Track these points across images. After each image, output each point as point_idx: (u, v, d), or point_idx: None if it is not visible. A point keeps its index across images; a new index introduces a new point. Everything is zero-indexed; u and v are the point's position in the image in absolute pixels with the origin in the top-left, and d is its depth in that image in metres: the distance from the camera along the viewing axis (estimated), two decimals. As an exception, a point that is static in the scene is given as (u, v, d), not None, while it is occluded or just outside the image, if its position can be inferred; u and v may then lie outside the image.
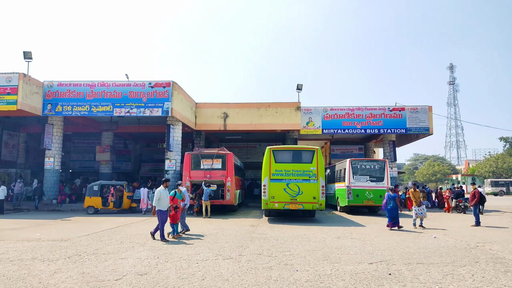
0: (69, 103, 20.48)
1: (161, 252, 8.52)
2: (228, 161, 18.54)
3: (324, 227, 13.35)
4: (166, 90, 20.34)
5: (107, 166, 28.13)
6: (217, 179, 18.27)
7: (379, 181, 18.73)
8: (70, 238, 10.58)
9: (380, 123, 25.19)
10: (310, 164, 15.01)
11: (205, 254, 8.30)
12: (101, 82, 20.58)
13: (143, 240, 10.25)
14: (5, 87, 19.11)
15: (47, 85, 20.66)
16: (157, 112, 20.28)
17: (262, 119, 24.63)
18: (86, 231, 12.07)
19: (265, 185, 14.98)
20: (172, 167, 21.50)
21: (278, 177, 14.96)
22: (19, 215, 18.10)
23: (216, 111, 24.91)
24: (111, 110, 20.38)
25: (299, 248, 9.10)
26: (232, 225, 14.11)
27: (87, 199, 18.61)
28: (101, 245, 9.52)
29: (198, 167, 18.54)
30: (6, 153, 27.66)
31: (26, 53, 20.07)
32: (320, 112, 25.73)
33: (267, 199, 14.88)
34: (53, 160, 21.75)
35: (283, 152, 15.46)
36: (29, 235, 11.19)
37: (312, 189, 14.83)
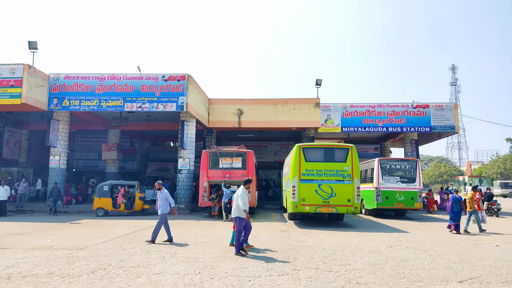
0: (76, 97, 19.13)
1: (201, 266, 7.20)
2: (248, 159, 17.25)
3: (365, 233, 12.05)
4: (181, 84, 19.01)
5: (114, 166, 26.82)
6: (237, 179, 16.96)
7: (411, 182, 17.46)
8: (87, 246, 9.26)
9: (403, 121, 23.91)
10: (344, 163, 13.71)
11: (254, 269, 6.99)
12: (111, 75, 19.25)
13: (171, 249, 8.93)
14: (8, 79, 17.77)
15: (53, 77, 19.31)
16: (171, 107, 18.95)
17: (279, 116, 23.32)
18: (102, 237, 10.75)
19: (294, 186, 13.66)
20: (185, 166, 20.18)
21: (309, 178, 13.66)
22: (23, 217, 16.76)
23: (230, 107, 23.59)
24: (122, 105, 19.04)
25: (358, 261, 7.79)
26: (260, 230, 12.79)
27: (97, 200, 17.28)
28: (125, 255, 8.19)
29: (217, 166, 17.25)
30: (8, 151, 26.29)
31: (31, 42, 18.71)
32: (339, 109, 24.46)
33: (296, 201, 13.56)
34: (58, 159, 20.41)
35: (314, 150, 14.15)
36: (39, 242, 9.86)
37: (346, 190, 13.54)
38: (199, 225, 13.87)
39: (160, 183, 10.37)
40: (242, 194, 8.36)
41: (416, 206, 17.25)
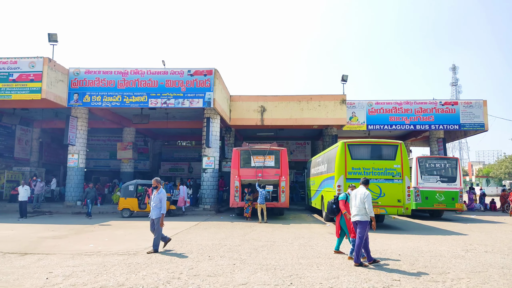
0: (98, 93, 18.24)
1: (286, 274, 6.36)
2: (282, 158, 16.41)
3: (423, 237, 11.26)
4: (207, 79, 18.16)
5: (129, 165, 25.93)
6: (270, 179, 16.14)
7: (451, 181, 16.68)
8: (138, 251, 8.41)
9: (431, 118, 23.17)
10: (393, 161, 12.91)
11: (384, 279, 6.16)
12: (134, 70, 18.38)
13: (233, 254, 8.09)
14: (27, 73, 16.88)
15: (73, 72, 18.42)
16: (198, 103, 18.10)
17: (303, 113, 22.49)
18: (146, 240, 9.89)
19: (340, 186, 12.84)
20: (210, 165, 19.33)
21: (356, 176, 12.83)
22: (44, 218, 15.87)
23: (252, 104, 22.75)
24: (146, 101, 18.17)
25: (452, 268, 7.00)
26: (306, 232, 11.99)
27: (122, 201, 16.40)
28: (188, 261, 7.35)
29: (248, 165, 16.40)
30: (19, 150, 25.35)
31: (51, 35, 17.82)
32: (364, 106, 23.70)
33: (343, 201, 12.71)
34: (77, 157, 19.50)
35: (360, 146, 13.33)
36: (81, 247, 9.01)
37: (396, 190, 12.74)
38: (238, 227, 13.05)
39: (158, 181, 8.85)
40: (369, 195, 7.30)
41: (457, 206, 16.49)
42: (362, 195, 7.25)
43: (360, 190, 7.41)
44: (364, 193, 7.26)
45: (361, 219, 7.15)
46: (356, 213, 7.26)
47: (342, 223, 8.02)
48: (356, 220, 7.25)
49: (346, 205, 7.87)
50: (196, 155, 32.85)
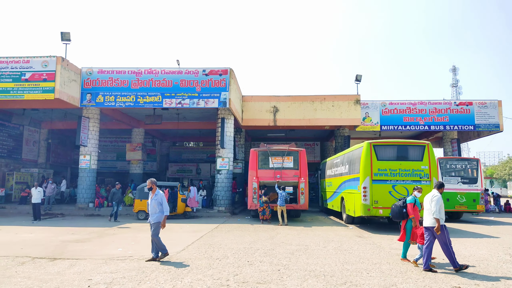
0: (111, 93, 17.91)
1: (341, 283, 6.05)
2: (301, 159, 16.12)
3: (456, 239, 10.94)
4: (223, 79, 17.85)
5: (138, 166, 25.58)
6: (289, 180, 15.84)
7: (472, 183, 16.41)
8: (170, 255, 8.07)
9: (446, 119, 22.90)
10: (421, 162, 12.61)
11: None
12: (148, 69, 18.05)
13: (271, 259, 7.77)
14: (40, 72, 16.54)
15: (85, 72, 18.08)
16: (213, 104, 17.78)
17: (317, 114, 22.18)
18: (174, 244, 9.55)
19: (366, 188, 12.53)
20: (225, 166, 19.00)
21: (382, 178, 12.54)
22: (57, 221, 15.51)
23: (264, 104, 22.43)
24: (160, 101, 17.84)
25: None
26: (333, 236, 11.68)
27: (138, 203, 16.06)
28: (229, 266, 7.03)
29: (267, 166, 16.11)
30: (27, 151, 24.99)
31: (64, 34, 17.48)
32: (378, 107, 23.42)
33: (369, 204, 12.43)
34: (89, 158, 19.15)
35: (386, 147, 13.02)
36: (110, 251, 8.67)
37: (424, 192, 12.36)
38: (261, 230, 12.73)
39: (153, 182, 7.99)
40: (439, 197, 6.89)
41: (478, 208, 16.21)
42: (437, 198, 6.88)
43: (433, 194, 7.03)
44: (436, 196, 6.88)
45: (435, 224, 6.76)
46: (430, 218, 6.88)
47: (408, 228, 7.68)
48: (429, 226, 6.87)
49: (414, 209, 7.53)
50: (204, 156, 32.55)
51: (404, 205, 7.71)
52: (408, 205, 7.60)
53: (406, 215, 7.67)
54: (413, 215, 7.48)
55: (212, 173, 31.91)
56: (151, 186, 7.93)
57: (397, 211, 7.77)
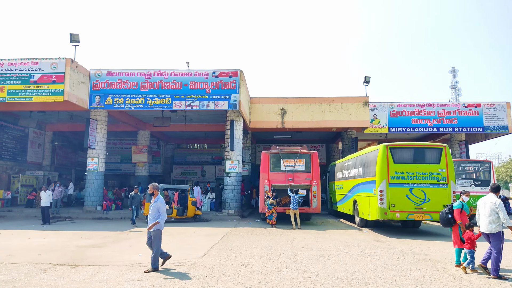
0: (121, 95, 17.74)
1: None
2: (313, 161, 15.98)
3: (481, 244, 10.78)
4: (233, 81, 17.71)
5: (144, 169, 25.39)
6: (301, 183, 15.68)
7: (485, 185, 16.27)
8: (193, 261, 7.91)
9: (454, 121, 22.78)
10: (438, 165, 12.47)
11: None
12: (157, 71, 17.89)
13: (290, 263, 7.61)
14: (49, 74, 16.37)
15: (94, 74, 17.91)
16: (223, 106, 17.63)
17: (325, 116, 22.03)
18: (191, 249, 9.41)
19: (382, 191, 12.38)
20: (234, 169, 18.85)
21: (399, 181, 12.39)
22: (67, 225, 15.31)
23: (272, 106, 22.27)
24: (170, 103, 17.69)
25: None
26: (353, 241, 11.53)
27: (148, 206, 15.82)
28: (257, 273, 6.87)
29: (278, 168, 15.94)
30: (32, 154, 24.78)
31: (73, 35, 17.31)
32: (386, 109, 23.30)
33: (385, 207, 12.28)
34: (97, 161, 18.99)
35: (403, 150, 12.88)
36: (130, 257, 8.51)
37: (441, 195, 12.29)
38: (276, 234, 12.57)
39: (155, 187, 7.63)
40: (501, 203, 6.72)
41: (491, 211, 16.03)
42: (493, 204, 6.72)
43: (490, 199, 6.88)
44: (495, 202, 6.72)
45: (494, 230, 6.61)
46: (487, 224, 6.71)
47: (461, 233, 7.50)
48: (487, 232, 6.71)
49: (462, 215, 7.36)
50: (209, 159, 32.38)
51: (450, 211, 7.55)
52: (454, 211, 7.46)
53: (454, 221, 7.50)
54: (460, 221, 7.32)
55: (218, 175, 31.76)
56: (153, 192, 7.58)
57: (444, 218, 7.62)
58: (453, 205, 7.62)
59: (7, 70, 16.47)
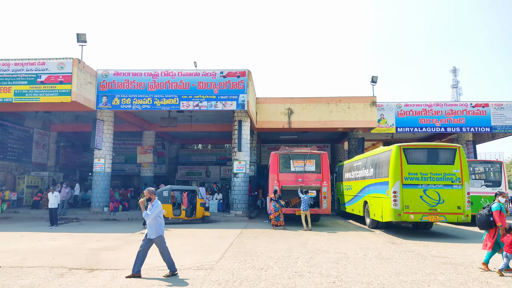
0: (128, 95, 17.61)
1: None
2: (323, 162, 15.83)
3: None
4: (241, 81, 17.58)
5: (149, 169, 25.24)
6: (311, 184, 15.55)
7: (496, 186, 16.14)
8: (211, 265, 7.78)
9: (462, 121, 22.66)
10: (452, 166, 12.34)
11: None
12: (164, 71, 17.77)
13: (310, 267, 7.47)
14: (56, 74, 16.23)
15: (101, 74, 17.78)
16: (231, 106, 17.51)
17: (332, 116, 21.89)
18: (206, 250, 9.26)
19: (396, 192, 12.24)
20: (242, 170, 18.72)
21: (412, 182, 12.26)
22: (75, 226, 15.18)
23: (279, 106, 22.13)
24: (177, 103, 17.56)
25: None
26: (368, 243, 11.40)
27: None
28: (280, 278, 6.73)
29: (288, 170, 15.82)
30: (37, 154, 24.66)
31: (79, 35, 17.17)
32: (393, 108, 23.18)
33: (399, 209, 12.14)
34: (103, 162, 18.86)
35: (416, 151, 12.75)
36: (145, 260, 8.34)
37: (456, 196, 12.16)
38: (288, 236, 12.44)
39: (151, 191, 7.27)
40: None
41: (503, 212, 15.89)
42: None
43: None
44: None
45: None
46: None
47: (498, 236, 7.34)
48: None
49: (501, 216, 7.21)
50: (213, 159, 32.27)
51: (490, 213, 7.39)
52: (494, 212, 7.30)
53: (494, 224, 7.33)
54: (500, 223, 7.17)
55: (222, 175, 31.66)
56: (150, 196, 7.18)
57: (484, 220, 7.43)
58: (491, 206, 7.46)
59: (13, 70, 16.34)
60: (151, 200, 7.16)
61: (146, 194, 7.26)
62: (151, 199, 7.19)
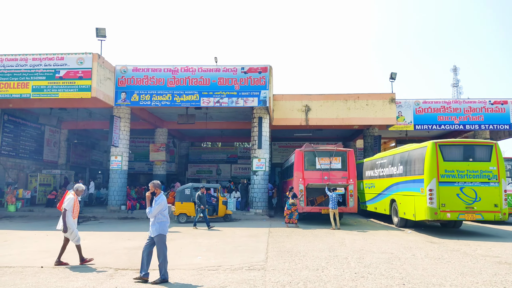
0: (147, 92, 17.27)
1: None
2: (349, 159, 15.53)
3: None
4: (262, 76, 17.26)
5: (162, 167, 24.90)
6: (337, 182, 15.23)
7: (524, 183, 15.84)
8: (261, 265, 7.45)
9: (481, 118, 22.40)
10: (489, 163, 12.04)
11: None
12: (184, 67, 17.42)
13: (364, 267, 7.16)
14: (76, 70, 15.87)
15: (119, 70, 17.43)
16: (252, 102, 17.19)
17: (350, 113, 21.57)
18: (244, 250, 8.94)
19: (432, 190, 11.94)
20: (261, 167, 18.41)
21: (449, 180, 11.95)
22: (96, 225, 14.85)
23: (295, 103, 21.78)
24: (198, 100, 17.22)
25: None
26: (406, 242, 11.11)
27: (178, 205, 15.42)
28: (343, 280, 6.42)
29: (313, 167, 15.50)
30: (48, 152, 24.30)
31: (99, 29, 16.79)
32: (411, 106, 22.88)
33: (435, 207, 11.84)
34: (120, 159, 18.52)
35: (452, 147, 12.43)
36: (190, 260, 8.07)
37: (492, 194, 11.87)
38: (320, 235, 12.14)
39: (156, 185, 6.59)
40: None
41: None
42: None
43: None
44: None
45: None
46: None
47: None
48: None
49: None
50: (224, 157, 31.94)
51: None
52: None
53: None
54: None
55: (233, 173, 31.32)
56: (155, 190, 6.52)
57: None
58: None
59: (31, 65, 15.98)
60: (155, 195, 6.50)
61: (151, 187, 6.58)
62: (155, 193, 6.51)
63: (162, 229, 6.42)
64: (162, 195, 6.51)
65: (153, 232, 6.42)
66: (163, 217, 6.44)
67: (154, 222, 6.43)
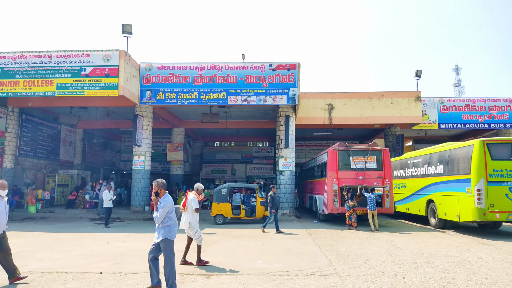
0: (173, 90, 16.84)
1: None
2: (385, 159, 15.11)
3: None
4: (291, 74, 16.85)
5: (179, 167, 24.47)
6: (373, 183, 14.79)
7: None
8: (333, 270, 7.02)
9: (505, 116, 22.03)
10: (539, 162, 11.63)
11: None
12: (211, 64, 16.99)
13: (440, 272, 6.75)
14: (102, 67, 15.43)
15: (144, 67, 16.99)
16: (281, 100, 16.78)
17: (375, 111, 21.15)
18: (304, 254, 8.52)
19: (480, 190, 11.52)
20: (288, 167, 18.01)
21: (497, 179, 11.54)
22: (125, 227, 14.45)
23: (319, 102, 21.36)
24: (225, 98, 16.79)
25: None
26: (458, 244, 10.71)
27: (215, 206, 14.98)
28: (428, 284, 5.99)
29: (347, 167, 15.06)
30: (64, 152, 23.85)
31: (125, 26, 16.34)
32: (435, 104, 22.50)
33: (484, 207, 11.42)
34: (143, 159, 18.07)
35: (501, 146, 12.01)
36: (253, 264, 7.63)
37: (543, 194, 11.45)
38: (364, 238, 11.75)
39: (160, 184, 5.83)
40: None
41: None
42: None
43: None
44: None
45: None
46: None
47: None
48: None
49: None
50: (239, 157, 31.51)
51: None
52: None
53: None
54: None
55: (248, 173, 30.90)
56: (158, 190, 5.80)
57: None
58: None
59: (56, 62, 15.54)
60: (160, 195, 5.80)
61: (154, 186, 5.83)
62: (159, 194, 5.81)
63: (169, 233, 5.72)
64: (167, 195, 5.81)
65: (159, 236, 5.72)
66: (170, 220, 5.75)
67: (160, 226, 5.76)
